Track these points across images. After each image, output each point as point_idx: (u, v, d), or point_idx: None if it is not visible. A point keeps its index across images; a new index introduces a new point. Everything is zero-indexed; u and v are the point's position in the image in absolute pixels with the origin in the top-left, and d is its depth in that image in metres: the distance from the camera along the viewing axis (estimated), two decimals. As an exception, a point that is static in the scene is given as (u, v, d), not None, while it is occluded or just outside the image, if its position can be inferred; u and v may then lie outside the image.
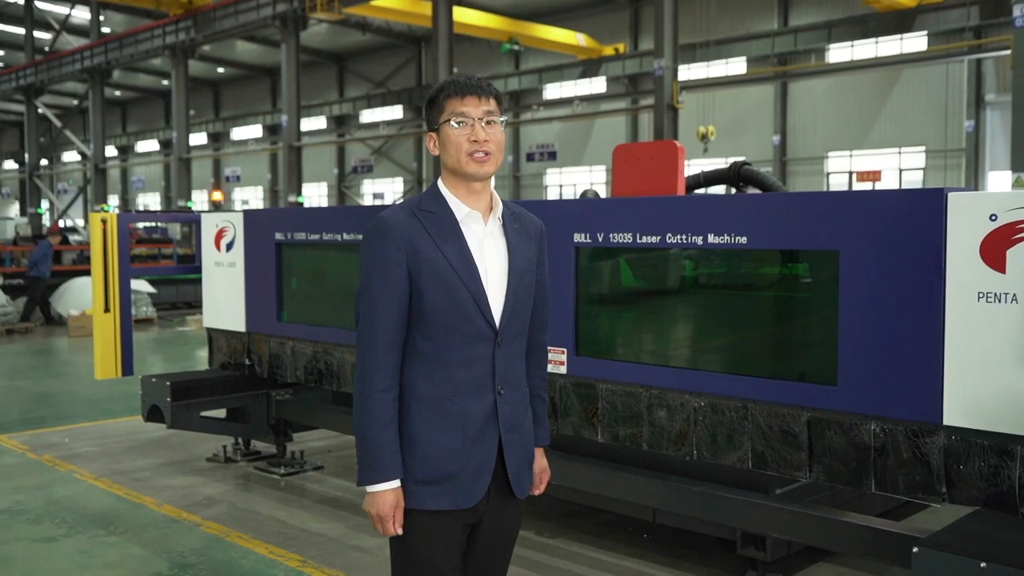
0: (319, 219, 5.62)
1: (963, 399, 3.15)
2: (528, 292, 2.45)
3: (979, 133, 25.64)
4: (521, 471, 2.46)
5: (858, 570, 4.44)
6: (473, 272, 2.34)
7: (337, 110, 42.69)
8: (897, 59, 25.56)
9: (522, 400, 2.48)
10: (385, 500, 2.30)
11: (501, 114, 2.41)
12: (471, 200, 2.39)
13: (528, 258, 2.45)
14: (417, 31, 35.79)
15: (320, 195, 45.12)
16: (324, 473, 6.32)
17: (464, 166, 2.34)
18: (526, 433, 2.48)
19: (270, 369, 6.00)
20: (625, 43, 32.96)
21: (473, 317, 2.32)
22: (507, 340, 2.38)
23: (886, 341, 3.32)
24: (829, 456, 3.51)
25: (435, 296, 2.31)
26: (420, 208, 2.37)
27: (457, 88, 2.37)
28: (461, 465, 2.33)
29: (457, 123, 2.35)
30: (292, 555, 4.74)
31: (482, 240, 2.38)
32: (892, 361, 3.31)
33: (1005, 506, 3.09)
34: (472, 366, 2.35)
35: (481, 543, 2.47)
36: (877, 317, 3.34)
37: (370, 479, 2.31)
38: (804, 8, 28.72)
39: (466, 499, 2.35)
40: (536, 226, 2.54)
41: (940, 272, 3.17)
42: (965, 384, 3.14)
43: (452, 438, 2.33)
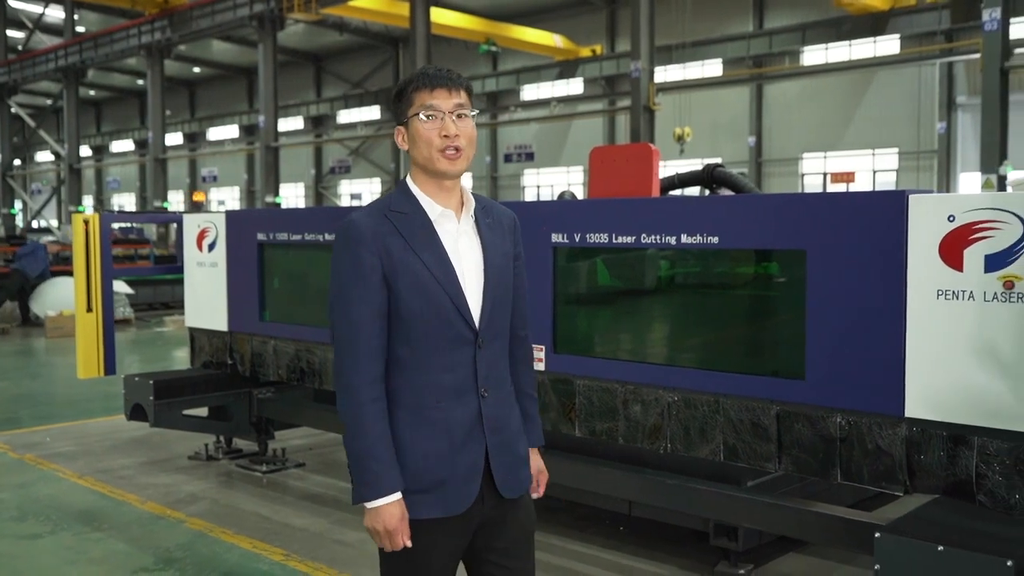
0: (301, 220, 5.71)
1: (923, 392, 3.29)
2: (506, 289, 2.38)
3: (951, 135, 26.04)
4: (511, 472, 2.38)
5: (826, 559, 4.59)
6: (451, 274, 2.26)
7: (314, 110, 42.67)
8: (870, 62, 25.93)
9: (507, 400, 2.41)
10: (390, 513, 2.21)
11: (472, 106, 2.32)
12: (442, 197, 2.31)
13: (503, 253, 2.38)
14: (395, 32, 35.83)
15: (297, 196, 45.04)
16: (305, 470, 6.40)
17: (435, 163, 2.26)
18: (514, 433, 2.41)
19: (252, 368, 6.07)
20: (602, 44, 33.17)
21: (453, 321, 2.25)
22: (488, 340, 2.31)
23: (851, 337, 3.46)
24: (797, 448, 3.65)
25: (413, 301, 2.23)
26: (391, 209, 2.28)
27: (426, 80, 2.27)
28: (450, 472, 2.27)
29: (426, 116, 2.26)
30: (276, 549, 4.83)
31: (456, 239, 2.30)
32: (857, 356, 3.45)
33: (963, 493, 3.23)
34: (454, 370, 2.28)
35: (493, 544, 2.41)
36: (842, 314, 3.48)
37: (371, 494, 2.22)
38: (779, 10, 29.03)
39: (456, 505, 2.28)
40: (509, 218, 2.46)
41: (902, 271, 3.31)
42: (925, 377, 3.28)
43: (439, 445, 2.26)
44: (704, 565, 4.47)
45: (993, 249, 3.12)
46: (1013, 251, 3.10)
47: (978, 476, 3.20)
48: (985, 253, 3.13)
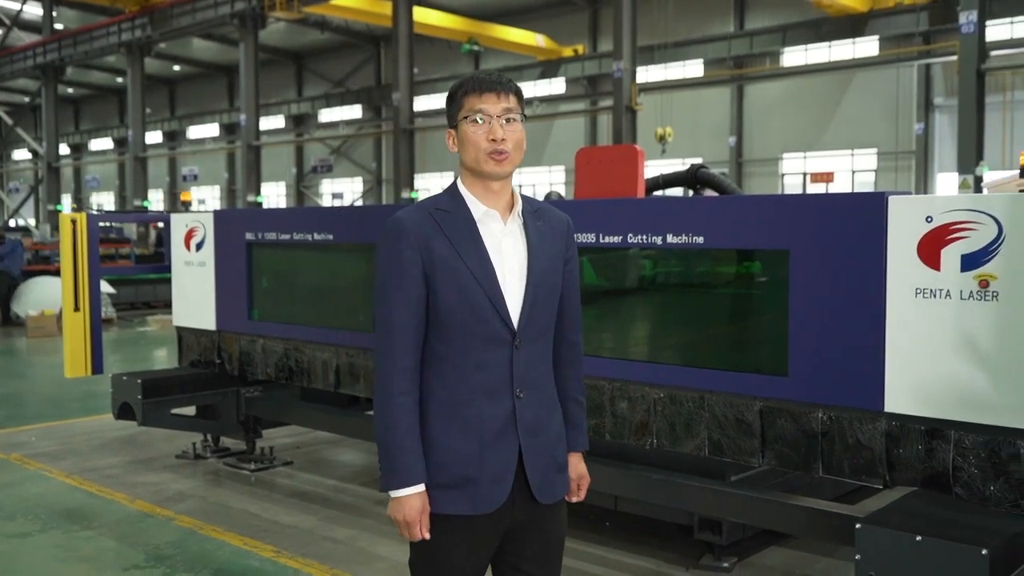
0: (289, 219, 5.76)
1: (902, 387, 3.39)
2: (551, 292, 2.37)
3: (928, 135, 26.32)
4: (546, 476, 2.37)
5: (808, 552, 4.69)
6: (489, 273, 2.27)
7: (296, 109, 42.56)
8: (849, 63, 26.18)
9: (546, 403, 2.40)
10: (411, 505, 2.25)
11: (521, 111, 2.35)
12: (489, 199, 2.34)
13: (551, 257, 2.38)
14: (376, 31, 35.80)
15: (278, 195, 44.91)
16: (294, 468, 6.45)
17: (482, 165, 2.29)
18: (552, 437, 2.40)
19: (240, 367, 6.11)
20: (584, 44, 33.28)
21: (489, 319, 2.27)
22: (526, 342, 2.31)
23: (833, 334, 3.55)
24: (780, 443, 3.74)
25: (450, 297, 2.26)
26: (436, 208, 2.32)
27: (476, 84, 2.31)
28: (478, 470, 2.28)
29: (475, 120, 2.30)
30: (266, 546, 4.88)
31: (500, 240, 2.32)
32: (838, 353, 3.54)
33: (940, 486, 3.33)
34: (489, 369, 2.29)
35: (522, 550, 2.41)
36: (824, 312, 3.58)
37: (394, 484, 2.26)
38: (759, 12, 29.22)
39: (485, 504, 2.29)
40: (563, 222, 2.46)
41: (881, 270, 3.41)
42: (904, 373, 3.38)
43: (468, 443, 2.28)
44: (688, 559, 4.56)
45: (969, 249, 3.22)
46: (988, 251, 3.20)
47: (955, 469, 3.30)
48: (961, 253, 3.23)
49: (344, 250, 5.57)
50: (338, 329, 5.47)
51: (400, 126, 26.44)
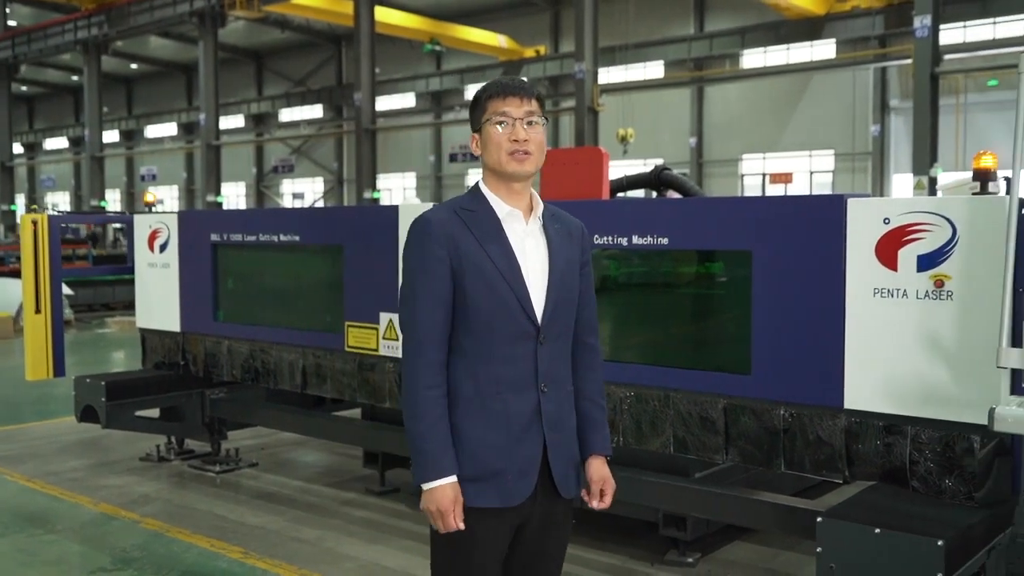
0: (256, 220, 5.76)
1: (861, 384, 3.48)
2: (570, 292, 2.45)
3: (884, 137, 26.75)
4: (567, 471, 2.44)
5: (770, 546, 4.78)
6: (516, 270, 2.34)
7: (255, 108, 42.21)
8: (807, 66, 26.54)
9: (567, 400, 2.47)
10: (444, 495, 2.28)
11: (543, 115, 2.43)
12: (512, 200, 2.41)
13: (569, 258, 2.45)
14: (338, 30, 35.61)
15: (238, 195, 44.50)
16: (259, 470, 6.44)
17: (504, 165, 2.36)
18: (570, 433, 2.48)
19: (205, 368, 6.09)
20: (546, 45, 33.38)
21: (516, 314, 2.33)
22: (550, 338, 2.38)
23: (794, 333, 3.64)
24: (743, 439, 3.82)
25: (478, 293, 2.32)
26: (461, 207, 2.40)
27: (499, 89, 2.39)
28: (506, 462, 2.34)
29: (498, 123, 2.37)
30: (234, 547, 4.87)
31: (523, 239, 2.39)
32: (799, 351, 3.63)
33: (898, 480, 3.44)
34: (515, 363, 2.35)
35: (530, 542, 2.46)
36: (786, 311, 3.66)
37: (427, 476, 2.30)
38: (719, 14, 29.51)
39: (512, 497, 2.34)
40: (577, 227, 2.54)
41: (841, 270, 3.50)
42: (863, 371, 3.48)
43: (496, 435, 2.33)
44: (654, 555, 4.64)
45: (925, 250, 3.32)
46: (943, 252, 3.30)
47: (911, 463, 3.40)
48: (918, 254, 3.33)
49: (311, 251, 5.58)
50: (305, 330, 5.47)
51: (362, 126, 26.36)
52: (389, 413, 5.42)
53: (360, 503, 5.64)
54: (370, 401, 5.16)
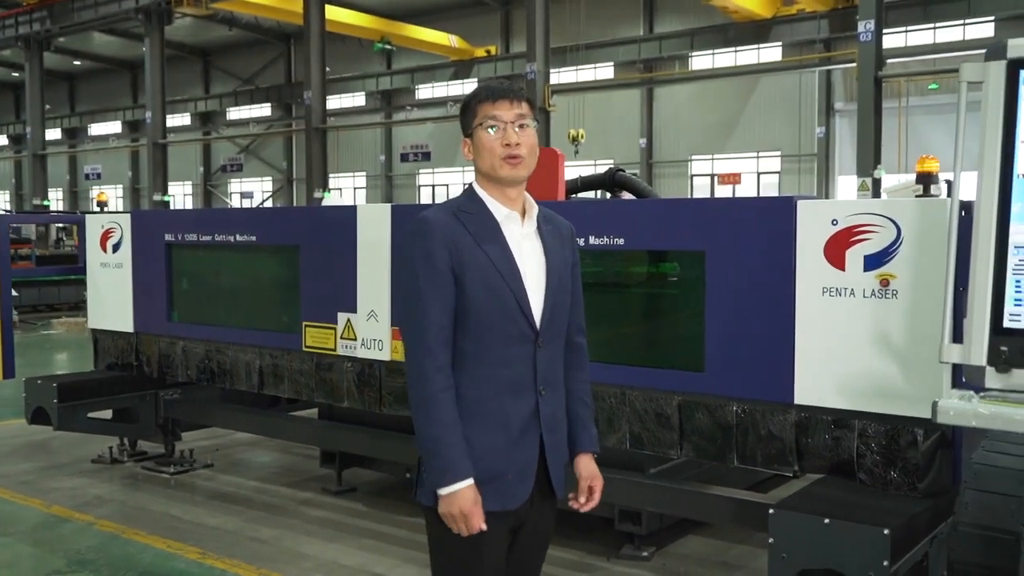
0: (212, 220, 5.74)
1: (811, 381, 3.60)
2: (565, 293, 2.46)
3: (829, 139, 27.27)
4: (561, 472, 2.47)
5: (723, 540, 4.90)
6: (515, 272, 2.35)
7: (202, 106, 41.66)
8: (754, 68, 26.97)
9: (561, 402, 2.49)
10: (466, 497, 2.27)
11: (534, 118, 2.43)
12: (507, 202, 2.41)
13: (563, 259, 2.47)
14: (287, 28, 35.30)
15: (185, 194, 43.90)
16: (214, 471, 6.41)
17: (498, 170, 2.37)
18: (564, 434, 2.51)
19: (160, 369, 6.05)
20: (497, 45, 33.42)
21: (515, 317, 2.34)
22: (547, 341, 2.40)
23: (746, 331, 3.75)
24: (697, 435, 3.92)
25: (478, 295, 2.32)
26: (460, 209, 2.39)
27: (489, 93, 2.40)
28: (506, 465, 2.34)
29: (490, 127, 2.37)
30: (191, 548, 4.86)
31: (520, 242, 2.40)
32: (751, 348, 3.74)
33: (846, 472, 3.56)
34: (514, 366, 2.36)
35: (521, 545, 2.48)
36: (738, 310, 3.77)
37: (445, 480, 2.27)
38: (668, 16, 29.82)
39: (512, 500, 2.36)
40: (568, 229, 2.56)
41: (791, 270, 3.61)
42: (812, 368, 3.59)
43: (496, 438, 2.34)
44: (610, 549, 4.72)
45: (871, 250, 3.45)
46: (888, 252, 3.43)
47: (859, 456, 3.53)
48: (864, 254, 3.46)
49: (267, 251, 5.58)
50: (262, 330, 5.47)
51: (312, 125, 26.16)
52: (346, 413, 5.44)
53: (317, 503, 5.65)
54: (328, 401, 5.18)
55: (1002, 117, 2.47)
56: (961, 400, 2.41)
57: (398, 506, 5.52)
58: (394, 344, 4.81)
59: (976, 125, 2.60)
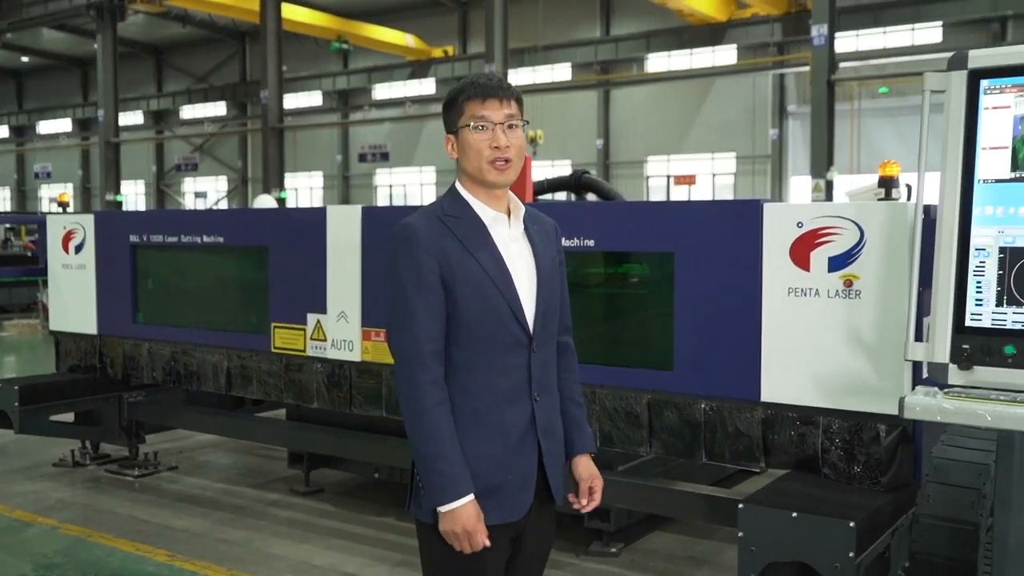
0: (178, 221, 5.71)
1: (777, 378, 3.70)
2: (555, 294, 2.39)
3: (782, 141, 27.71)
4: (559, 477, 2.41)
5: (688, 535, 5.00)
6: (506, 277, 2.27)
7: (155, 105, 41.12)
8: (709, 71, 27.32)
9: (556, 406, 2.42)
10: (468, 514, 2.19)
11: (523, 117, 2.33)
12: (493, 204, 2.32)
13: (551, 259, 2.40)
14: (242, 26, 34.99)
15: (137, 193, 43.29)
16: (179, 473, 6.37)
17: (485, 174, 2.27)
18: (560, 439, 2.44)
19: (124, 371, 6.00)
20: (454, 46, 33.45)
21: (508, 324, 2.26)
22: (540, 344, 2.33)
23: (714, 330, 3.84)
24: (666, 433, 4.00)
25: (470, 303, 2.23)
26: (444, 213, 2.29)
27: (478, 90, 2.28)
28: (505, 476, 2.27)
29: (477, 127, 2.26)
30: (159, 550, 4.84)
31: (508, 244, 2.32)
32: (719, 347, 3.83)
33: (811, 467, 3.66)
34: (509, 373, 2.28)
35: (523, 554, 2.41)
36: (706, 310, 3.86)
37: (445, 498, 2.19)
38: (624, 18, 30.07)
39: (513, 511, 2.29)
40: (552, 226, 2.48)
41: (758, 271, 3.71)
42: (779, 365, 3.69)
43: (494, 449, 2.26)
44: (579, 546, 4.79)
45: (835, 252, 3.55)
46: (851, 254, 3.53)
47: (823, 452, 3.63)
48: (828, 255, 3.56)
49: (235, 252, 5.56)
50: (229, 332, 5.46)
51: (269, 124, 25.98)
52: (314, 413, 5.45)
53: (286, 503, 5.65)
54: (298, 402, 5.18)
55: (963, 125, 2.57)
56: (927, 396, 2.51)
57: (366, 506, 5.55)
58: (364, 345, 4.83)
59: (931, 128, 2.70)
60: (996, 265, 2.50)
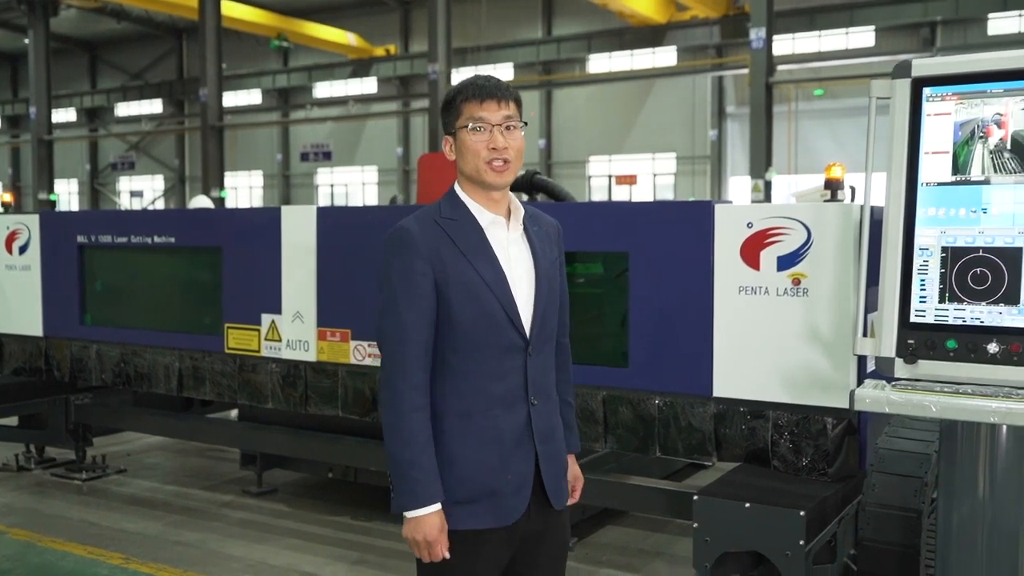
0: (128, 222, 5.65)
1: (728, 374, 3.82)
2: (555, 296, 2.37)
3: (721, 142, 28.17)
4: (558, 481, 2.39)
5: (640, 529, 5.11)
6: (503, 283, 2.24)
7: (89, 102, 40.22)
8: (649, 72, 27.65)
9: (553, 409, 2.40)
10: (431, 523, 2.18)
11: (521, 118, 2.32)
12: (491, 206, 2.31)
13: (551, 262, 2.38)
14: (179, 22, 34.41)
15: (71, 192, 42.31)
16: (128, 476, 6.31)
17: (482, 175, 2.26)
18: (559, 442, 2.41)
19: (71, 373, 5.92)
20: (396, 45, 33.32)
21: (504, 329, 2.24)
22: (537, 349, 2.31)
23: (668, 328, 3.95)
24: (621, 428, 4.10)
25: (465, 308, 2.21)
26: (441, 216, 2.28)
27: (476, 91, 2.27)
28: (500, 481, 2.25)
29: (475, 128, 2.25)
30: (113, 553, 4.80)
31: (507, 247, 2.30)
32: (672, 345, 3.94)
33: (760, 460, 3.79)
34: (505, 378, 2.26)
35: (532, 559, 2.39)
36: (660, 308, 3.96)
37: (411, 504, 2.18)
38: (566, 19, 30.27)
39: (508, 516, 2.27)
40: (554, 227, 2.46)
41: (709, 270, 3.82)
42: (730, 361, 3.81)
43: (489, 454, 2.24)
44: (534, 541, 4.87)
45: (784, 251, 3.67)
46: (799, 253, 3.66)
47: (773, 444, 3.76)
48: (777, 255, 3.68)
49: (187, 253, 5.53)
50: (181, 332, 5.42)
51: (208, 123, 25.60)
52: (266, 414, 5.45)
53: (239, 504, 5.63)
54: (252, 402, 5.17)
55: (907, 130, 2.70)
56: (875, 389, 2.63)
57: (321, 506, 5.56)
58: (320, 345, 4.85)
59: (863, 130, 2.82)
60: (939, 264, 2.63)
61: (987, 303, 2.55)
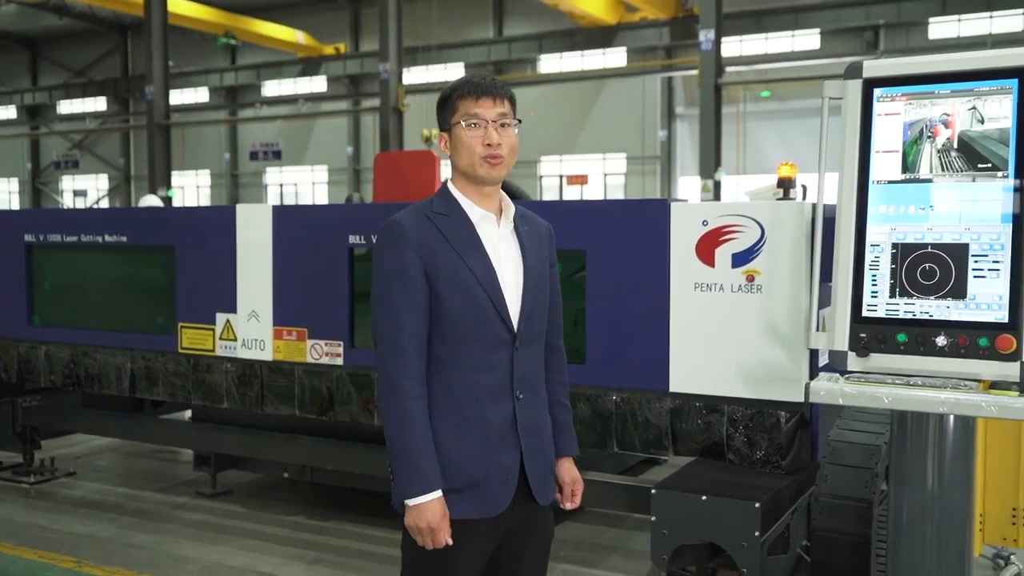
0: (78, 221, 5.56)
1: (684, 369, 3.88)
2: (544, 294, 2.42)
3: (671, 142, 28.44)
4: (543, 478, 2.42)
5: (595, 524, 5.16)
6: (492, 276, 2.30)
7: (30, 99, 39.34)
8: (600, 73, 27.82)
9: (541, 405, 2.44)
10: (433, 510, 2.22)
11: (515, 116, 2.38)
12: (483, 202, 2.37)
13: (540, 261, 2.43)
14: (124, 19, 33.80)
15: (11, 192, 41.36)
16: (77, 479, 6.20)
17: (476, 169, 2.32)
18: (546, 439, 2.45)
19: (19, 375, 5.81)
20: (346, 43, 33.10)
21: (492, 322, 2.30)
22: (525, 343, 2.35)
23: (624, 324, 4.00)
24: (579, 424, 4.11)
25: (454, 301, 2.27)
26: (433, 211, 2.34)
27: (471, 88, 2.32)
28: (486, 473, 2.29)
29: (470, 124, 2.31)
30: (65, 557, 4.73)
31: (497, 243, 2.36)
32: (629, 341, 3.99)
33: (716, 454, 3.86)
34: (491, 371, 2.31)
35: (517, 553, 2.43)
36: (616, 305, 4.01)
37: (414, 491, 2.22)
38: (517, 19, 30.34)
39: (493, 507, 2.31)
40: (545, 228, 2.52)
41: (665, 267, 3.88)
42: (686, 357, 3.87)
43: (475, 446, 2.29)
44: (492, 537, 4.89)
45: (738, 248, 3.75)
46: (753, 250, 3.74)
47: (728, 438, 3.83)
48: (732, 252, 3.76)
49: (140, 252, 5.45)
50: (134, 332, 5.35)
51: (154, 121, 25.22)
52: (221, 414, 5.40)
53: (193, 506, 5.58)
54: (206, 402, 5.12)
55: (859, 130, 2.78)
56: (829, 382, 2.70)
57: (276, 506, 5.53)
58: (276, 344, 4.83)
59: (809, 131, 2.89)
60: (889, 260, 2.71)
61: (935, 297, 2.63)
